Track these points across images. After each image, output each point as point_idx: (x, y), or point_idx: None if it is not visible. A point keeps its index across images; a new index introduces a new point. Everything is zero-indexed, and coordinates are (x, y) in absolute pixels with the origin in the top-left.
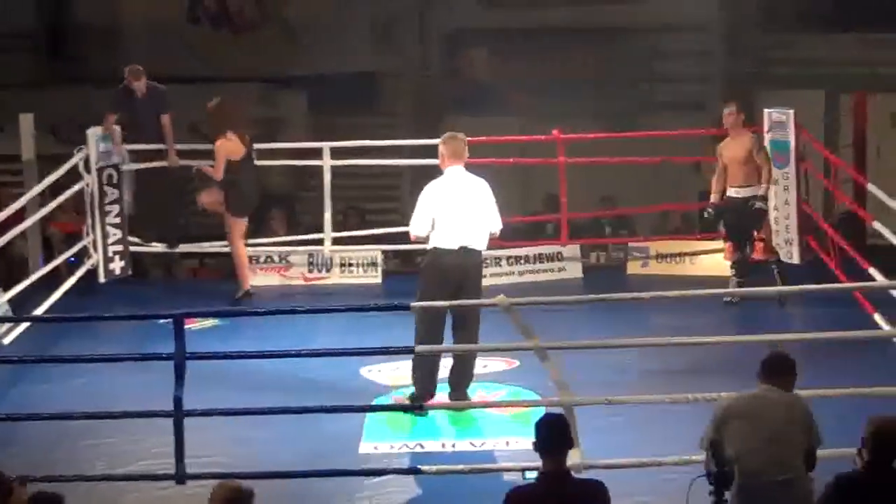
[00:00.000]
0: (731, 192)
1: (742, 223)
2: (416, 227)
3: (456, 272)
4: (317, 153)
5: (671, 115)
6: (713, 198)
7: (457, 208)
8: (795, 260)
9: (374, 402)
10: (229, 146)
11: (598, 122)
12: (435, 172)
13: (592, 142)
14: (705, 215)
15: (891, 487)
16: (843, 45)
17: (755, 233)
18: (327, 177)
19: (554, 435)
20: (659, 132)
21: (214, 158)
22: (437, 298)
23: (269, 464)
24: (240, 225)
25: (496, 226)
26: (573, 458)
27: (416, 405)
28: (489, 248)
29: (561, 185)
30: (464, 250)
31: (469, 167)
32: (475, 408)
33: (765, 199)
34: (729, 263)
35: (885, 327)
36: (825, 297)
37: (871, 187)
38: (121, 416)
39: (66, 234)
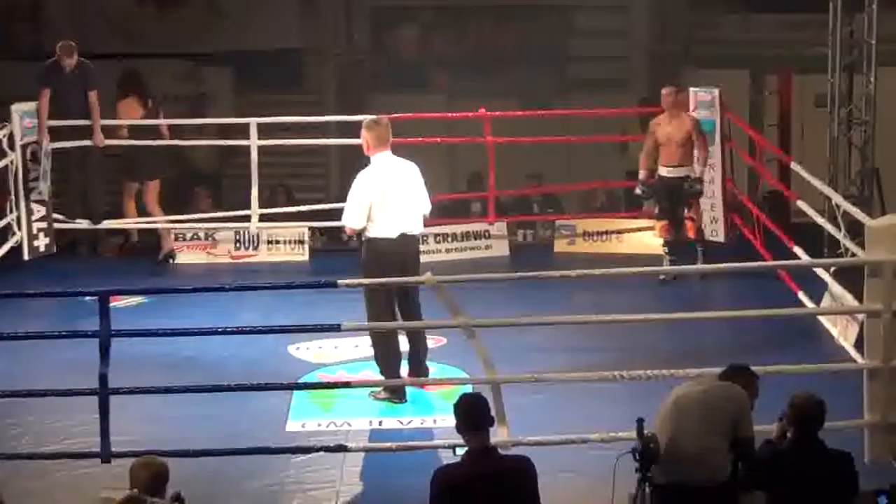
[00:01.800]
0: (664, 172)
1: (675, 203)
2: (352, 220)
3: (397, 259)
4: (243, 129)
5: (596, 94)
6: (641, 174)
7: (393, 196)
8: (720, 238)
9: (301, 380)
10: (123, 108)
11: (524, 99)
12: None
13: (518, 119)
14: (637, 191)
15: (815, 460)
16: (769, 26)
17: (685, 211)
18: (254, 154)
19: (472, 413)
20: (584, 111)
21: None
22: (383, 288)
23: (195, 442)
24: (128, 188)
25: (426, 208)
26: (500, 435)
27: (397, 398)
28: None
29: (490, 165)
30: (403, 237)
31: (396, 146)
32: (403, 385)
33: (701, 181)
34: (661, 242)
35: (810, 305)
36: (750, 276)
37: (795, 166)
38: (46, 395)
39: None
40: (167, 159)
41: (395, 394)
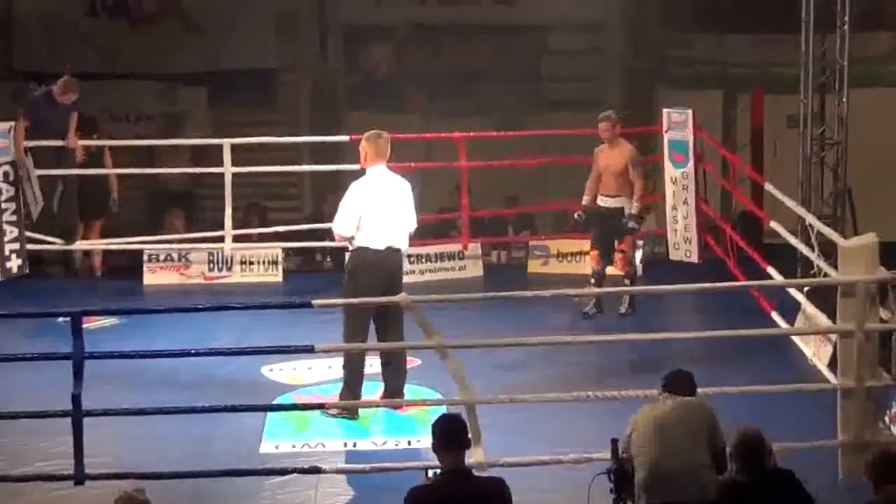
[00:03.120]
0: (600, 201)
1: (607, 233)
2: (342, 227)
3: (383, 272)
4: (217, 150)
5: (570, 113)
6: (585, 200)
7: (383, 208)
8: (694, 258)
9: (275, 401)
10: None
11: (500, 118)
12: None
13: (494, 139)
14: (576, 218)
15: (763, 485)
16: (741, 46)
17: (616, 244)
18: (228, 176)
19: (450, 434)
20: (559, 130)
21: None
22: (361, 305)
23: (169, 464)
24: None
25: (412, 225)
26: (475, 456)
27: (349, 414)
28: None
29: (462, 188)
30: (389, 250)
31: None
32: (376, 406)
33: (639, 218)
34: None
35: (783, 325)
36: (723, 296)
37: (768, 187)
38: (19, 417)
39: None
40: (110, 198)
41: (349, 409)
